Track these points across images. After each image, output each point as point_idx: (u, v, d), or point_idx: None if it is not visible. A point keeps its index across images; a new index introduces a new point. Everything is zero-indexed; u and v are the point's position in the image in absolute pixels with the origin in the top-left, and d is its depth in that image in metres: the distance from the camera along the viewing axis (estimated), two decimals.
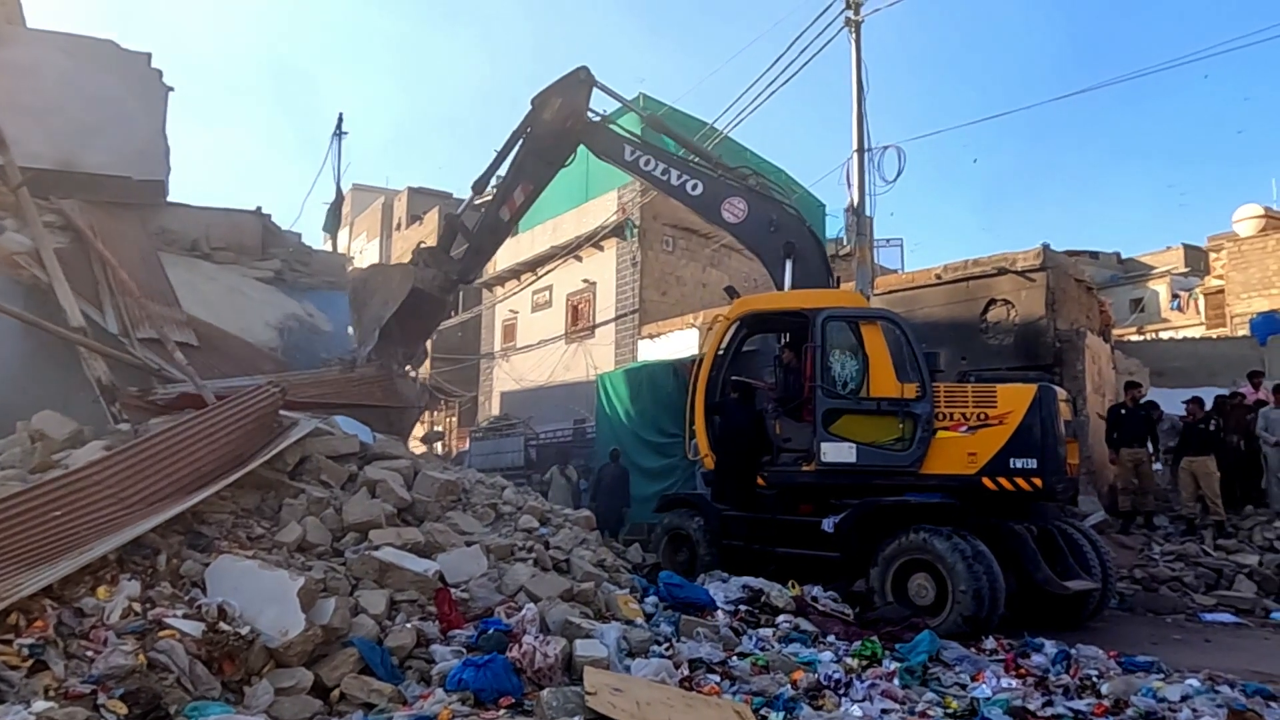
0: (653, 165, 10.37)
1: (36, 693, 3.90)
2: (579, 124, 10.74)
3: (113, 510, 5.59)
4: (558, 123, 10.72)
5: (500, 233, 12.03)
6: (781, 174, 24.66)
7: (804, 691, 5.24)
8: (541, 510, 8.23)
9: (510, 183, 11.41)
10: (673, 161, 10.48)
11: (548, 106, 10.77)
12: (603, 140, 10.88)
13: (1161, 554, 10.40)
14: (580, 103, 10.73)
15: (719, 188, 9.98)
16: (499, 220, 11.61)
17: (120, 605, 4.68)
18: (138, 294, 10.20)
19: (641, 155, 10.48)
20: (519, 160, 11.25)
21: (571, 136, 10.89)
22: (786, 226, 9.50)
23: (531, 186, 11.31)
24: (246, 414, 7.28)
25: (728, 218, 9.80)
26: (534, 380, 23.14)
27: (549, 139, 10.88)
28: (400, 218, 35.33)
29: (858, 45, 13.36)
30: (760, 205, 9.69)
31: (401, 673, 5.03)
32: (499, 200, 11.59)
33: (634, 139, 10.87)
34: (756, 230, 9.65)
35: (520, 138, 11.14)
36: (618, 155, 10.74)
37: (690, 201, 10.30)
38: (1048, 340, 12.07)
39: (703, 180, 10.10)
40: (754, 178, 10.12)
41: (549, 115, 10.76)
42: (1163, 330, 30.11)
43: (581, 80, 10.77)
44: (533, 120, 11.01)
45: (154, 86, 14.46)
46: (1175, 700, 5.37)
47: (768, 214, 9.60)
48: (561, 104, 10.68)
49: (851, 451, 7.91)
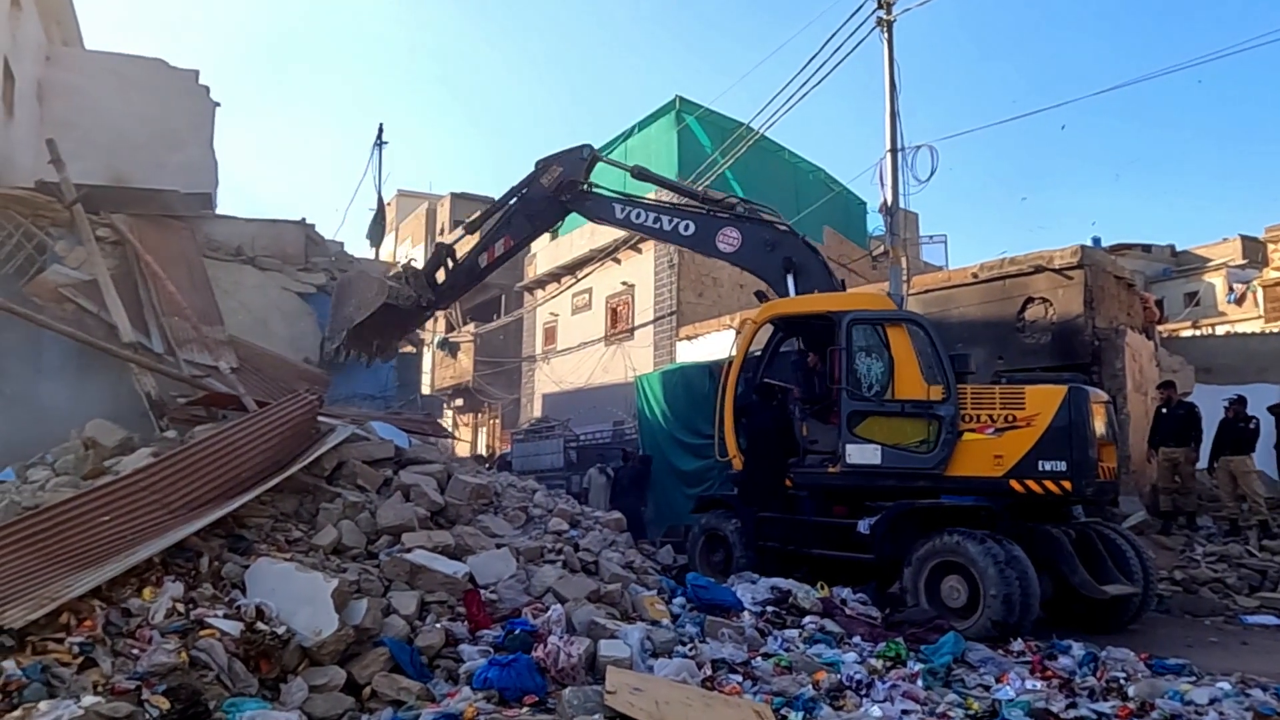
0: (643, 217, 10.74)
1: (85, 688, 4.11)
2: (570, 195, 11.13)
3: (157, 515, 5.85)
4: (551, 190, 11.12)
5: (475, 276, 12.51)
6: (820, 172, 24.64)
7: (825, 692, 5.29)
8: (571, 513, 8.38)
9: (495, 234, 11.91)
10: (661, 209, 10.85)
11: (547, 173, 11.18)
12: (592, 206, 11.34)
13: (1204, 555, 10.21)
14: (577, 177, 11.12)
15: (709, 223, 10.23)
16: (476, 265, 12.08)
17: (164, 606, 4.90)
18: (186, 311, 10.56)
19: (631, 210, 10.86)
20: (509, 215, 11.76)
21: (561, 205, 11.36)
22: (782, 243, 9.69)
23: (513, 242, 11.84)
24: (285, 421, 7.53)
25: (724, 248, 10.03)
26: (574, 382, 23.36)
27: (541, 203, 11.33)
28: (444, 223, 35.78)
29: (890, 44, 13.34)
30: (753, 230, 9.89)
31: (430, 671, 5.18)
32: (480, 247, 12.06)
33: (620, 196, 11.21)
34: (754, 254, 9.84)
35: (516, 194, 11.61)
36: (609, 215, 11.22)
37: (685, 242, 10.73)
38: (1086, 339, 11.90)
39: (692, 219, 10.39)
40: (741, 205, 10.34)
41: (546, 181, 11.17)
42: (1219, 325, 29.28)
43: (583, 158, 11.20)
44: (530, 181, 11.46)
45: (201, 102, 15.00)
46: (1203, 703, 5.30)
47: (761, 236, 9.80)
48: (560, 173, 11.07)
49: (876, 453, 7.92)
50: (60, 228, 11.06)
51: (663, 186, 12.32)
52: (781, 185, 23.16)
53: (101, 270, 10.35)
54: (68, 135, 12.26)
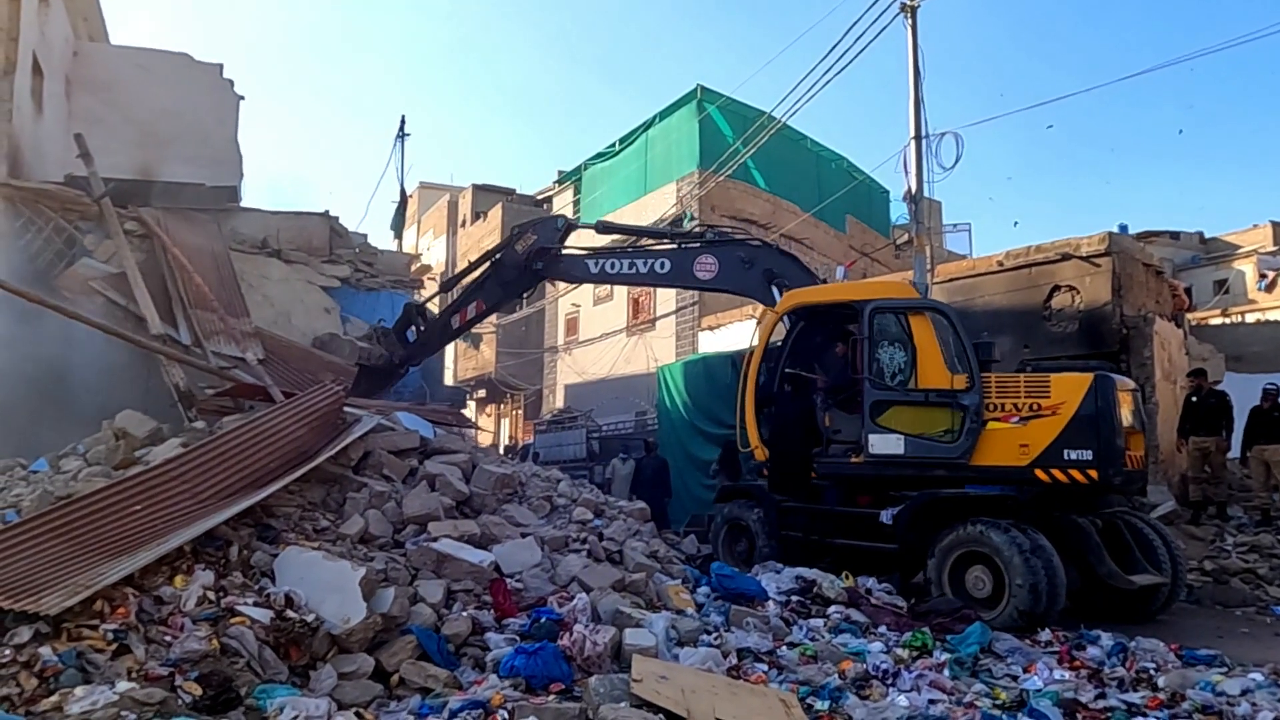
0: (617, 266, 10.82)
1: (120, 674, 4.20)
2: (541, 261, 11.12)
3: (188, 504, 5.93)
4: (523, 258, 11.11)
5: (447, 336, 12.62)
6: (842, 161, 24.48)
7: (851, 681, 5.29)
8: (596, 503, 8.41)
9: (467, 296, 11.96)
10: (634, 254, 10.97)
11: (522, 240, 11.18)
12: (565, 268, 11.44)
13: (1234, 545, 10.11)
14: (550, 245, 11.10)
15: (683, 256, 10.33)
16: (449, 325, 12.12)
17: (195, 593, 4.98)
18: (213, 303, 10.67)
19: (605, 263, 10.91)
20: (482, 279, 11.78)
21: (534, 273, 11.38)
22: (757, 258, 9.77)
23: (485, 306, 11.85)
24: (312, 411, 7.61)
25: (703, 276, 10.10)
26: (596, 373, 23.39)
27: (513, 271, 11.31)
28: (465, 215, 35.87)
29: (914, 31, 13.22)
30: (727, 252, 9.99)
31: (457, 659, 5.24)
32: (453, 308, 12.13)
33: (590, 252, 11.27)
34: (733, 275, 9.90)
35: (490, 259, 11.66)
36: (583, 273, 11.30)
37: (664, 280, 10.98)
38: (1113, 327, 11.76)
39: (666, 257, 10.49)
40: (710, 231, 10.64)
41: (520, 248, 11.15)
42: (1249, 312, 28.82)
43: (558, 227, 11.26)
44: (505, 247, 11.54)
45: (226, 96, 15.11)
46: (1235, 694, 5.25)
47: (736, 255, 9.88)
48: (534, 242, 11.05)
49: (899, 443, 7.87)
50: (89, 221, 11.21)
51: (628, 234, 12.63)
52: (804, 174, 23.06)
53: (130, 263, 10.48)
54: (95, 130, 12.41)
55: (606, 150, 25.07)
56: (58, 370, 9.63)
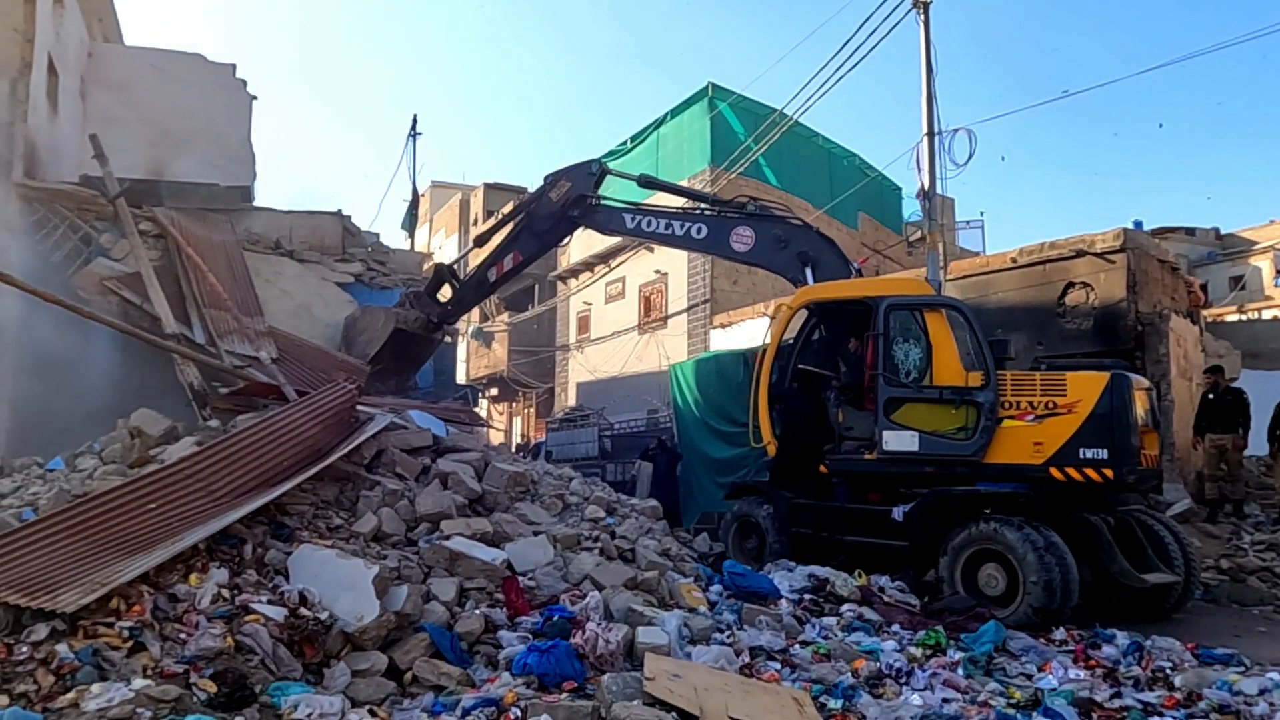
0: (654, 225, 10.72)
1: (135, 671, 4.22)
2: (578, 210, 11.08)
3: (202, 502, 5.96)
4: (559, 206, 11.08)
5: (484, 291, 12.63)
6: (855, 158, 24.39)
7: (864, 680, 5.27)
8: (608, 501, 8.42)
9: (503, 249, 11.92)
10: (672, 215, 10.81)
11: (555, 188, 11.14)
12: (601, 219, 11.31)
13: (1251, 543, 10.01)
14: (586, 192, 11.04)
15: (722, 224, 10.22)
16: (485, 279, 12.11)
17: (210, 591, 5.01)
18: (227, 303, 10.73)
19: (641, 219, 10.83)
20: (517, 230, 11.75)
21: (570, 220, 11.34)
22: (795, 238, 9.67)
23: (521, 258, 11.78)
24: (325, 410, 7.64)
25: (738, 248, 10.02)
26: (608, 371, 23.39)
27: (548, 220, 11.29)
28: (477, 213, 35.94)
29: (926, 26, 13.14)
30: (765, 227, 9.87)
31: (470, 657, 5.25)
32: (490, 261, 12.07)
33: (630, 206, 11.17)
34: (768, 251, 9.82)
35: (525, 210, 11.64)
36: (619, 226, 11.19)
37: (699, 246, 10.77)
38: (1128, 324, 11.66)
39: (705, 223, 10.40)
40: (751, 203, 10.30)
41: (554, 196, 11.13)
42: (1266, 308, 28.57)
43: (592, 172, 11.12)
44: (538, 197, 11.47)
45: (239, 96, 15.22)
46: (1252, 694, 5.20)
47: (774, 233, 9.78)
48: (569, 189, 11.01)
49: (913, 440, 7.85)
50: (104, 221, 11.29)
51: (671, 192, 12.30)
52: (816, 171, 22.96)
53: (144, 263, 10.55)
54: (110, 130, 12.51)
55: (618, 148, 25.03)
56: (73, 369, 9.71)
